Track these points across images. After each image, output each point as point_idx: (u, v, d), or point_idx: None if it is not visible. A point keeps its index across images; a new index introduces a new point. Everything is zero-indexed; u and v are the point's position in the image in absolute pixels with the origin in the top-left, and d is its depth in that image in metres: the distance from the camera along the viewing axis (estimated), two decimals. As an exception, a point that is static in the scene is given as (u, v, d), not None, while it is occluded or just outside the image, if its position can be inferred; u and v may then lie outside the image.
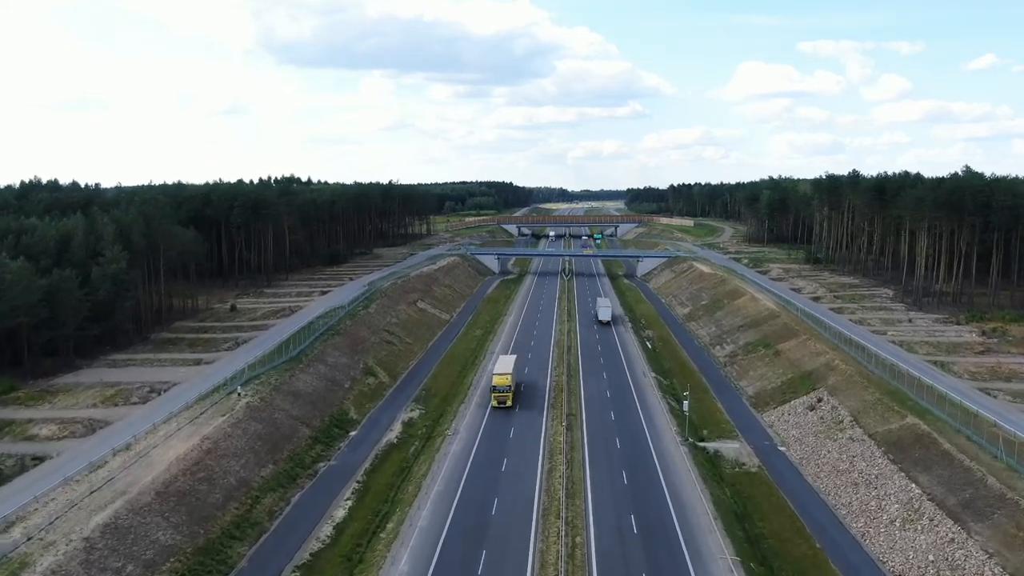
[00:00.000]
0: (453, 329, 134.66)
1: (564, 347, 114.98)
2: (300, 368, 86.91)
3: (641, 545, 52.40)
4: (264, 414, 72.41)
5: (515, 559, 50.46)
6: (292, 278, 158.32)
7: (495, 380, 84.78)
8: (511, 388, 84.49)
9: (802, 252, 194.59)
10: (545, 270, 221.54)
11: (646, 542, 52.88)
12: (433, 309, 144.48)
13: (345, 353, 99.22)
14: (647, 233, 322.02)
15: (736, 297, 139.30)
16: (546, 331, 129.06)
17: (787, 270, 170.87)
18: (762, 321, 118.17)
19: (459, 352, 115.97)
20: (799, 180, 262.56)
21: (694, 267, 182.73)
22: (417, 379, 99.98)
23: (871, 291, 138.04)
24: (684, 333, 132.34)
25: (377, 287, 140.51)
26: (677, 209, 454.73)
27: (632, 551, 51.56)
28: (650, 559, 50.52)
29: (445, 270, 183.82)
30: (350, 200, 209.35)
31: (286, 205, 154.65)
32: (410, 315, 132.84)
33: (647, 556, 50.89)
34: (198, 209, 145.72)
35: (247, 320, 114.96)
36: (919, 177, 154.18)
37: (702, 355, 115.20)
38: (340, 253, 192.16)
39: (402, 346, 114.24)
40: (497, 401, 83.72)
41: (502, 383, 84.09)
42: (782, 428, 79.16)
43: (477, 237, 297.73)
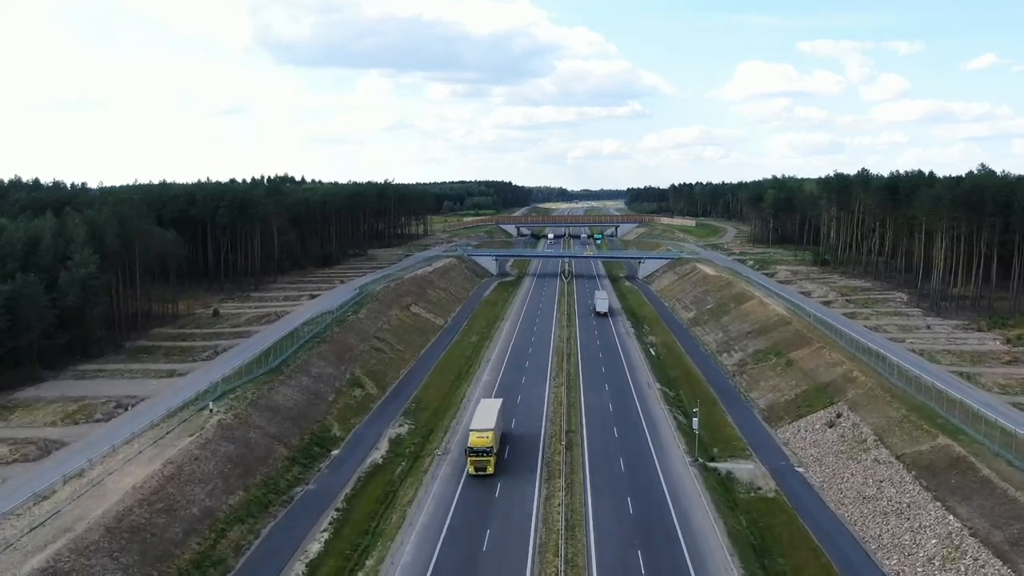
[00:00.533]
0: (447, 335, 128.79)
1: (564, 354, 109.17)
2: (280, 380, 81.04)
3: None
4: (237, 433, 66.54)
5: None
6: (281, 281, 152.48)
7: (472, 439, 64.18)
8: (493, 450, 63.66)
9: (809, 253, 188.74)
10: (544, 272, 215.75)
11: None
12: (427, 313, 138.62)
13: (331, 362, 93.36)
14: (648, 233, 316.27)
15: (743, 301, 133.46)
16: (545, 336, 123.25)
17: (794, 272, 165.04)
18: (772, 327, 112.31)
19: (453, 360, 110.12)
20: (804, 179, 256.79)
21: (698, 269, 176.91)
22: (407, 390, 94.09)
23: (884, 295, 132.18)
24: (689, 339, 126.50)
25: (368, 291, 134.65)
26: (678, 209, 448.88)
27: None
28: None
29: (440, 272, 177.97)
30: (344, 200, 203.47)
31: (275, 205, 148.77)
32: (402, 320, 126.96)
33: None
34: (182, 209, 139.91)
35: (229, 326, 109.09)
36: (932, 176, 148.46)
37: (709, 363, 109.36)
38: (333, 254, 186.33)
39: (393, 354, 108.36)
40: (474, 467, 63.25)
41: (481, 443, 63.43)
42: (799, 446, 73.30)
43: (475, 237, 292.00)
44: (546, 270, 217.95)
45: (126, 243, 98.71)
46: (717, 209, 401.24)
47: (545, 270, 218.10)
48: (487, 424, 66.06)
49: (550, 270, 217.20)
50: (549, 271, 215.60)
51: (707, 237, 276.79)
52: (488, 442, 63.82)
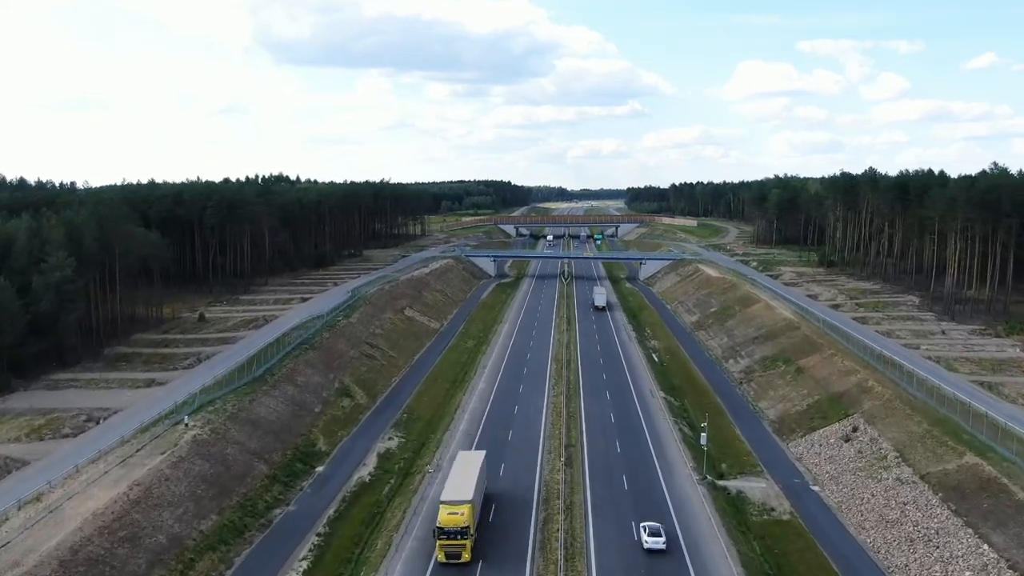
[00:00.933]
0: (443, 339, 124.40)
1: (563, 360, 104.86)
2: (264, 391, 76.66)
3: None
4: (214, 449, 62.19)
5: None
6: (272, 283, 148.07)
7: (441, 515, 49.45)
8: (469, 531, 48.62)
9: (814, 254, 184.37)
10: (543, 273, 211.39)
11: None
12: (422, 317, 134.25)
13: (319, 371, 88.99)
14: (649, 233, 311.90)
15: (748, 304, 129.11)
16: (543, 341, 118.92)
17: (800, 274, 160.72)
18: (779, 332, 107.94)
19: (448, 367, 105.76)
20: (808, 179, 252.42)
21: (700, 270, 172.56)
22: (399, 399, 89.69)
23: (895, 298, 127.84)
24: (693, 344, 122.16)
25: (361, 294, 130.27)
26: (679, 208, 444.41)
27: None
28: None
29: (437, 274, 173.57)
30: (338, 200, 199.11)
31: (265, 205, 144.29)
32: (396, 324, 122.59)
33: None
34: (169, 209, 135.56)
35: (215, 332, 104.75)
36: (944, 176, 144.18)
37: (714, 370, 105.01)
38: (327, 255, 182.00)
39: (385, 360, 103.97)
40: (444, 553, 48.47)
41: (453, 522, 48.52)
42: (813, 462, 68.96)
43: (473, 238, 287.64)
44: (545, 271, 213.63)
45: (105, 245, 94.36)
46: (719, 209, 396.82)
47: (544, 271, 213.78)
48: (463, 494, 50.95)
49: (549, 271, 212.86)
50: (548, 272, 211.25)
51: (709, 237, 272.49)
52: (463, 520, 48.51)
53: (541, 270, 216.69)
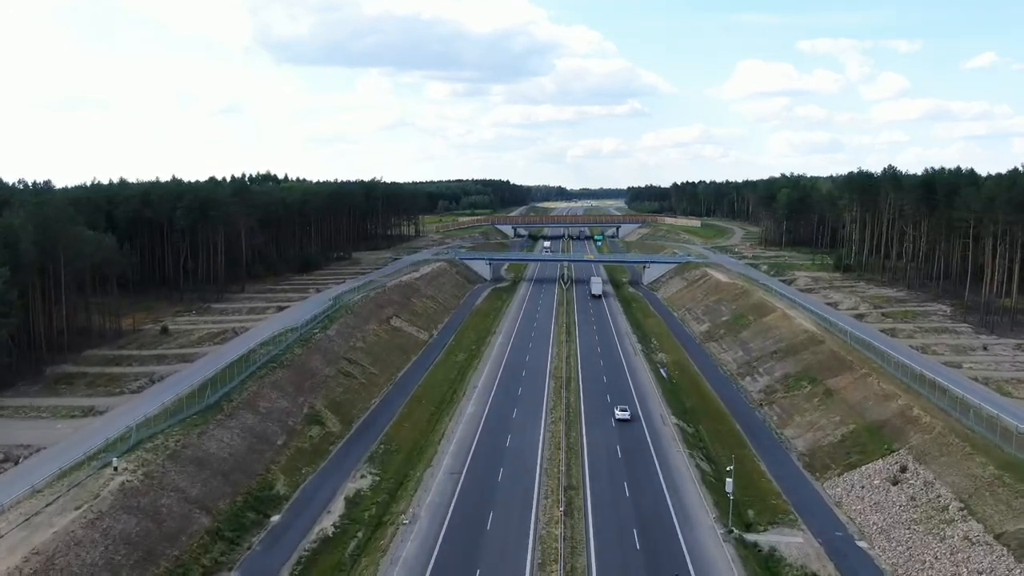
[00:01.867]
0: (431, 353, 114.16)
1: (562, 378, 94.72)
2: (218, 421, 66.46)
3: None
4: (145, 500, 51.97)
5: None
6: (250, 290, 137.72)
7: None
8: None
9: (829, 258, 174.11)
10: (542, 276, 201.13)
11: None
12: (410, 327, 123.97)
13: (286, 393, 78.76)
14: (651, 234, 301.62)
15: (764, 313, 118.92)
16: (541, 354, 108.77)
17: (816, 279, 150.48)
18: (801, 346, 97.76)
19: (435, 385, 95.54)
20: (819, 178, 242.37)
21: (709, 275, 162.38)
22: (376, 426, 79.42)
23: (923, 307, 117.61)
24: (703, 357, 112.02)
25: (344, 302, 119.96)
26: (681, 208, 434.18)
27: None
28: None
29: (428, 278, 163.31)
30: (325, 200, 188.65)
31: (241, 205, 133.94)
32: (380, 336, 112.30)
33: None
34: (136, 210, 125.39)
35: (176, 347, 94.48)
36: (974, 174, 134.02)
37: (729, 389, 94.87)
38: (312, 259, 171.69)
39: (364, 379, 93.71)
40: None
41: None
42: (855, 508, 58.78)
43: (469, 239, 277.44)
44: (544, 275, 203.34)
45: (48, 250, 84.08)
46: (722, 209, 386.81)
47: (543, 275, 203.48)
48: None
49: (548, 275, 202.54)
50: (547, 276, 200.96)
51: (714, 239, 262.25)
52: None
53: (539, 273, 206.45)
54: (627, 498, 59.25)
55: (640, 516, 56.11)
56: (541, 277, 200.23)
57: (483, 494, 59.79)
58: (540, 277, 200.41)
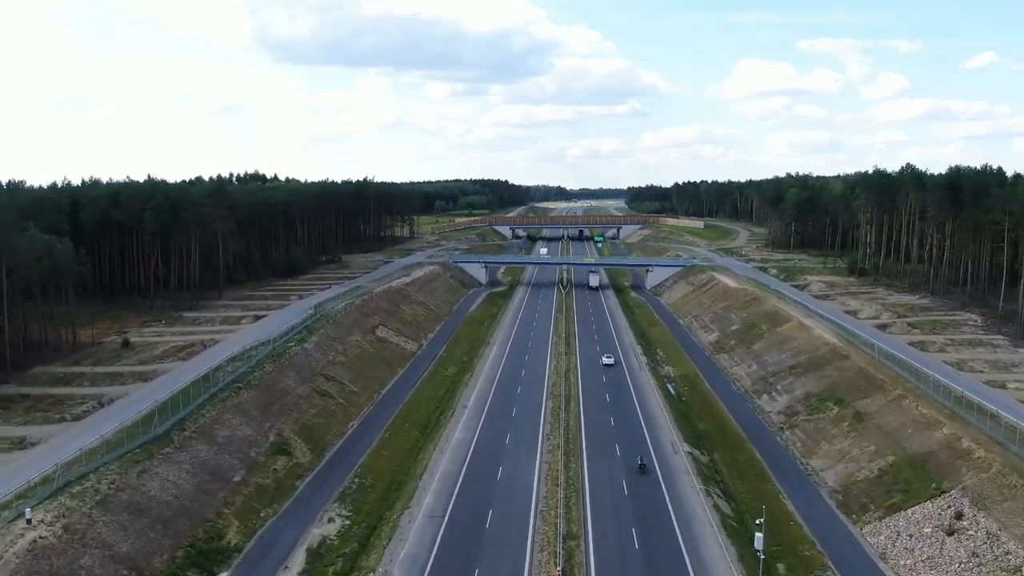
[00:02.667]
0: (419, 366, 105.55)
1: (561, 396, 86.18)
2: (164, 455, 57.82)
3: None
4: (60, 561, 43.32)
5: None
6: (228, 296, 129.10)
7: None
8: None
9: (842, 261, 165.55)
10: (540, 281, 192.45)
11: None
12: (397, 337, 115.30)
13: (251, 418, 70.13)
14: (653, 235, 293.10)
15: (778, 322, 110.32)
16: (538, 368, 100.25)
17: (830, 284, 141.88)
18: (823, 361, 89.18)
19: (420, 405, 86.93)
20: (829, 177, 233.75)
21: (716, 279, 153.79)
22: (352, 455, 70.72)
23: (951, 316, 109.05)
24: (714, 371, 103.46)
25: (326, 311, 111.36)
26: (682, 209, 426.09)
27: None
28: None
29: (420, 283, 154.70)
30: (313, 201, 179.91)
31: (217, 206, 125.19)
32: (363, 348, 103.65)
33: None
34: (104, 212, 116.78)
35: (136, 362, 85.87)
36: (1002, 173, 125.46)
37: (745, 409, 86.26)
38: (298, 263, 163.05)
39: (343, 398, 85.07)
40: None
41: None
42: (904, 564, 50.09)
43: (465, 240, 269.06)
44: (542, 279, 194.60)
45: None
46: (725, 209, 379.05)
47: (541, 279, 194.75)
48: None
49: (546, 279, 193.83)
50: (545, 280, 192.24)
51: (718, 240, 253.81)
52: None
53: (537, 277, 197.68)
54: (636, 551, 50.55)
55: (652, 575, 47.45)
56: (539, 281, 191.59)
57: (468, 545, 51.12)
58: (538, 281, 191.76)
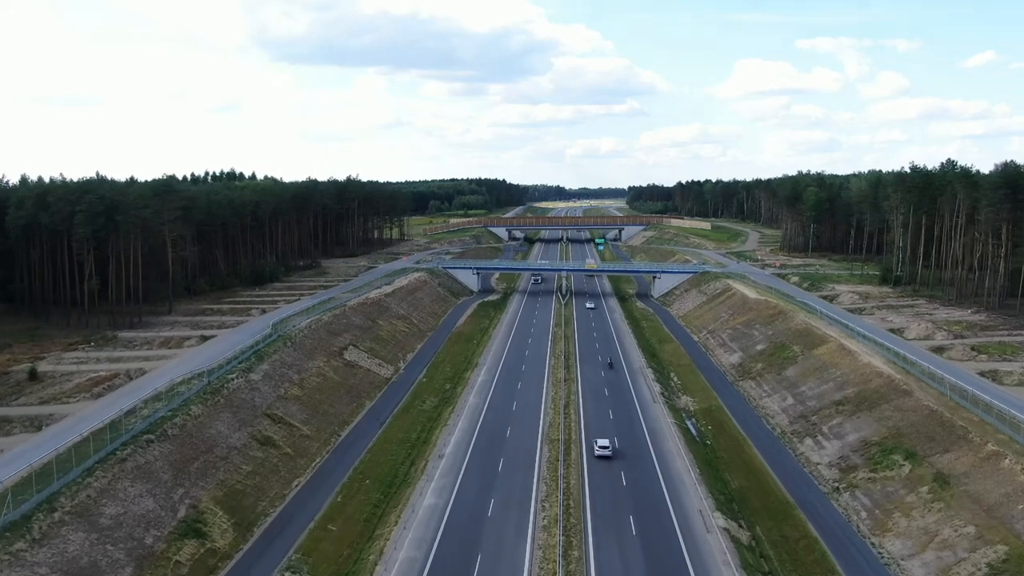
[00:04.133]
0: (392, 396, 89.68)
1: (559, 442, 70.38)
2: (14, 553, 41.82)
3: None
4: None
5: None
6: (180, 310, 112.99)
7: None
8: None
9: (870, 268, 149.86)
10: (536, 288, 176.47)
11: None
12: (369, 360, 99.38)
13: (157, 484, 54.12)
14: (657, 238, 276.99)
15: (813, 343, 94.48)
16: (533, 402, 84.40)
17: (863, 296, 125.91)
18: (877, 397, 73.28)
19: (386, 453, 70.97)
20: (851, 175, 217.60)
21: (732, 289, 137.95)
22: (290, 531, 54.76)
23: (1015, 336, 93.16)
24: (740, 403, 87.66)
25: (286, 329, 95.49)
26: (686, 208, 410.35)
27: None
28: None
29: (403, 293, 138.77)
30: (288, 201, 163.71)
31: (164, 208, 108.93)
32: (326, 377, 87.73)
33: None
34: (31, 215, 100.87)
35: (36, 401, 69.74)
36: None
37: (785, 458, 70.42)
38: (268, 270, 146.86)
39: (289, 446, 69.07)
40: None
41: None
42: None
43: (458, 243, 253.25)
44: (539, 287, 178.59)
45: None
46: (731, 209, 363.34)
47: (537, 286, 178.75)
48: None
49: (544, 287, 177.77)
50: (543, 288, 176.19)
51: (727, 243, 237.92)
52: None
53: (534, 284, 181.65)
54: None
55: None
56: (536, 289, 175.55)
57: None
58: (535, 289, 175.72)
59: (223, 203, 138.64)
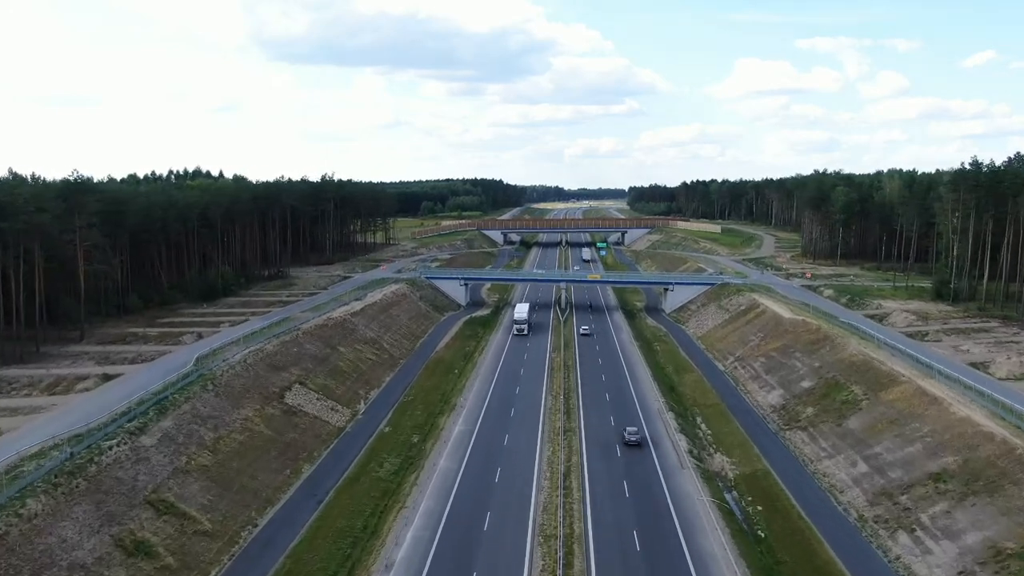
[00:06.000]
0: (342, 455, 69.45)
1: (558, 537, 50.33)
2: None
3: None
4: None
5: None
6: (97, 335, 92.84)
7: None
8: None
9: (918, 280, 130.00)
10: (532, 300, 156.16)
11: None
12: (319, 403, 79.24)
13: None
14: (663, 241, 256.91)
15: (879, 383, 74.38)
16: (524, 466, 64.51)
17: (921, 315, 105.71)
18: (997, 473, 53.22)
19: (318, 553, 50.75)
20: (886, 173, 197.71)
21: (760, 305, 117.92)
22: None
23: None
24: (792, 465, 67.60)
25: (213, 366, 75.36)
26: (690, 209, 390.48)
27: None
28: None
29: (374, 311, 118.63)
30: (247, 203, 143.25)
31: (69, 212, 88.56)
32: (255, 430, 67.52)
33: None
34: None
35: None
36: None
37: (874, 563, 50.27)
38: (221, 283, 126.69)
39: (173, 554, 48.70)
40: None
41: None
42: None
43: (448, 247, 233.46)
44: (535, 299, 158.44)
45: None
46: (739, 210, 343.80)
47: (533, 298, 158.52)
48: None
49: (541, 299, 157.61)
50: (539, 300, 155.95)
51: (740, 248, 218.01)
52: None
53: (530, 296, 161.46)
54: None
55: None
56: (532, 301, 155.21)
57: None
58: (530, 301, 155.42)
59: (164, 205, 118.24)
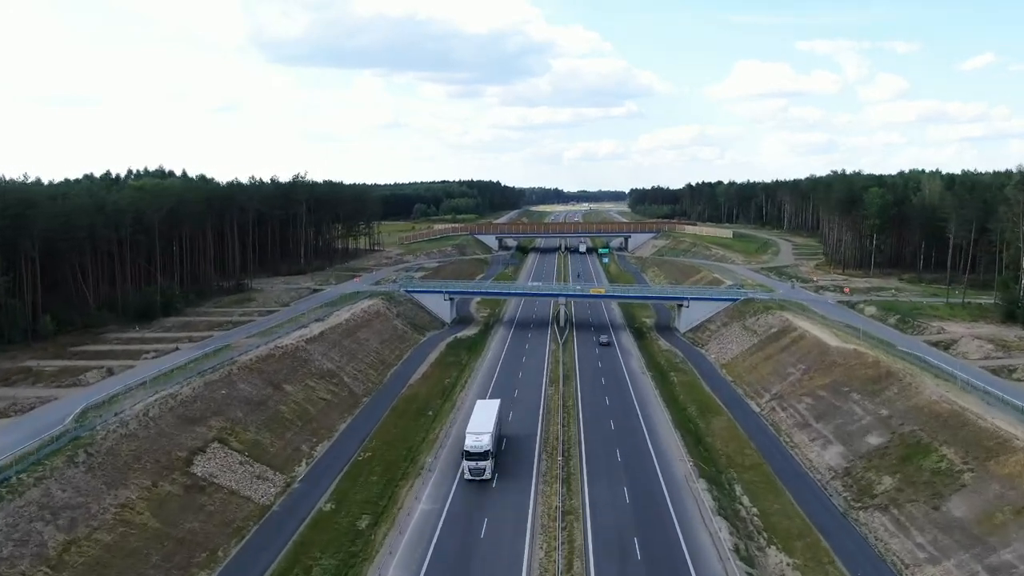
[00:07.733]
0: (259, 551, 50.59)
1: None
2: None
3: None
4: None
5: None
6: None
7: None
8: None
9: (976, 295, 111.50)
10: (526, 317, 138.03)
11: None
12: (242, 469, 60.41)
13: None
14: (671, 247, 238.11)
15: (983, 447, 55.87)
16: (511, 549, 45.84)
17: (996, 343, 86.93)
18: None
19: None
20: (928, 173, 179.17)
21: (795, 327, 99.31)
22: None
23: None
24: (878, 570, 48.87)
25: (102, 421, 56.81)
26: (696, 212, 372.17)
27: None
28: None
29: (337, 335, 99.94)
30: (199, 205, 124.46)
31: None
32: (133, 522, 48.69)
33: None
34: None
35: None
36: None
37: None
38: (161, 300, 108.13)
39: None
40: None
41: None
42: None
43: (438, 254, 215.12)
44: (529, 315, 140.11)
45: None
46: (748, 214, 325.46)
47: (528, 315, 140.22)
48: None
49: (537, 315, 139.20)
50: (535, 317, 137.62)
51: (757, 255, 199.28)
52: None
53: (524, 311, 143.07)
54: None
55: None
56: (525, 318, 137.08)
57: None
58: (524, 318, 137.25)
59: (89, 209, 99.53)
